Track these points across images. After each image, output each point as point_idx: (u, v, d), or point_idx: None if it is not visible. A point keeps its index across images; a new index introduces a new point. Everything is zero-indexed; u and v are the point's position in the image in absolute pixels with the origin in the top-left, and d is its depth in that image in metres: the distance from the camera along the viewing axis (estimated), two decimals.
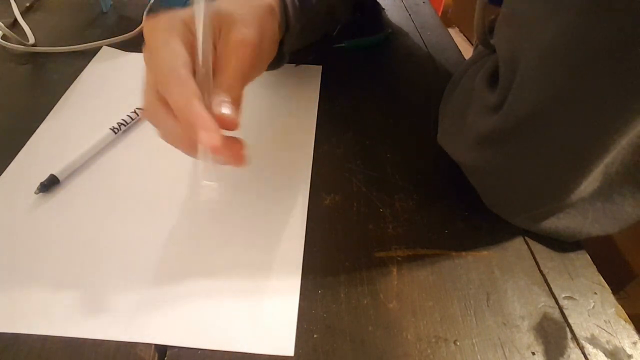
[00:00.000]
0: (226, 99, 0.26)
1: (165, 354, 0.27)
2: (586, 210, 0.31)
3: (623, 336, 0.29)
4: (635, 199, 0.30)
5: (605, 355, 0.28)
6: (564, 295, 0.31)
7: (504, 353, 0.28)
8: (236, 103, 0.27)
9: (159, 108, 0.26)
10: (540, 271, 0.32)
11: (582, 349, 0.28)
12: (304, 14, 0.38)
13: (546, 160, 0.28)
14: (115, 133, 0.40)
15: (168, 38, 0.26)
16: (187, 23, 0.27)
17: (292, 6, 0.36)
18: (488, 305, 0.30)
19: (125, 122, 0.41)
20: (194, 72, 0.26)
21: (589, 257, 0.34)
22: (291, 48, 0.39)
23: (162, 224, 0.34)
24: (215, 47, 0.28)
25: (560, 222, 0.32)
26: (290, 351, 0.27)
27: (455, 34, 2.09)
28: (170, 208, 0.35)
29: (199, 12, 0.25)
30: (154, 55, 0.26)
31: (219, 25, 0.28)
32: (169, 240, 0.33)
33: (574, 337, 0.29)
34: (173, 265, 0.31)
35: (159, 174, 0.38)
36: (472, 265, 0.32)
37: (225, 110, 0.25)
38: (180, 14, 0.27)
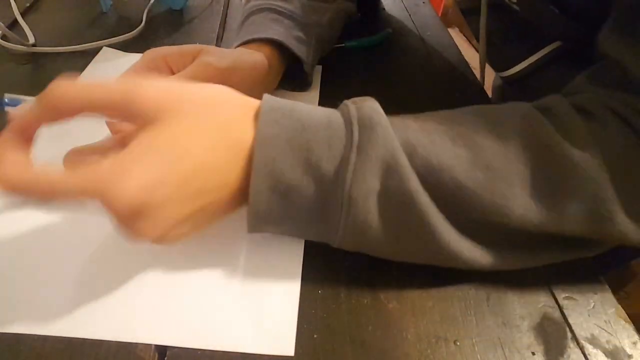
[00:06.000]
0: None
1: (165, 354, 0.27)
2: None
3: (623, 336, 0.29)
4: None
5: (605, 355, 0.28)
6: (564, 295, 0.31)
7: (504, 353, 0.28)
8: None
9: None
10: (541, 271, 0.32)
11: (582, 349, 0.28)
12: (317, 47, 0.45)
13: None
14: None
15: None
16: None
17: (299, 43, 0.42)
18: (488, 305, 0.30)
19: None
20: None
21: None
22: (310, 69, 0.45)
23: None
24: None
25: None
26: (290, 351, 0.27)
27: (455, 34, 2.09)
28: None
29: None
30: None
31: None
32: None
33: (574, 337, 0.29)
34: (173, 265, 0.31)
35: None
36: None
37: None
38: None
